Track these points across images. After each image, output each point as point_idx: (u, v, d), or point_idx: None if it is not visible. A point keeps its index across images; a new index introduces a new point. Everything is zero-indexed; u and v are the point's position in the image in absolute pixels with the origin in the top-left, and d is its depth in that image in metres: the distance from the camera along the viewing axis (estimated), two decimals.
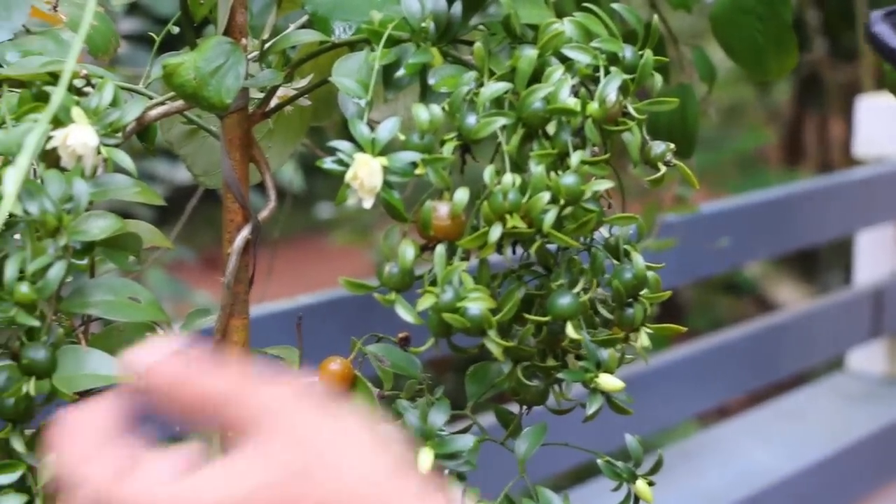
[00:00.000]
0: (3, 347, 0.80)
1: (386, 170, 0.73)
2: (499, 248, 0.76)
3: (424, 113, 0.74)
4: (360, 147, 0.73)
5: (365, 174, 0.72)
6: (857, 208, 2.94)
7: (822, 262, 4.45)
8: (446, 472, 0.80)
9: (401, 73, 0.77)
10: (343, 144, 0.73)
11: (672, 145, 0.77)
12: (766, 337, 2.42)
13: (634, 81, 0.75)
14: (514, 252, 0.80)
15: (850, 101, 3.55)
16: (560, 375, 0.81)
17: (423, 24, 0.77)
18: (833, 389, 3.03)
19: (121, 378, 0.76)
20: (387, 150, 0.73)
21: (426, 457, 0.77)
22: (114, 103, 0.78)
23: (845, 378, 3.11)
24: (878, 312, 2.96)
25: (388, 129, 0.74)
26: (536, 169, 0.74)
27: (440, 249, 0.75)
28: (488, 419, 0.86)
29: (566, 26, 0.76)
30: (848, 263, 3.29)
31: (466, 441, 0.81)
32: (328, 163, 0.73)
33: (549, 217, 0.73)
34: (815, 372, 3.22)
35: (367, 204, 0.73)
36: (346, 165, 0.72)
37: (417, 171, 0.74)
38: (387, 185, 0.73)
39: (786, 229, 2.58)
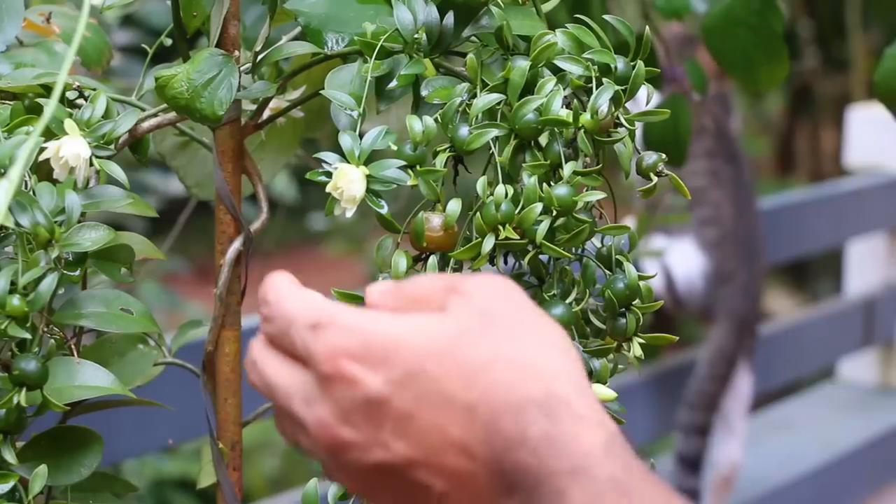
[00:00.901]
0: None
1: (371, 179, 0.73)
2: (491, 258, 0.76)
3: (418, 124, 0.74)
4: (346, 159, 0.74)
5: (345, 184, 0.73)
6: (848, 218, 2.95)
7: (813, 272, 4.45)
8: None
9: (393, 84, 0.77)
10: (328, 156, 0.74)
11: (664, 156, 0.77)
12: (757, 346, 2.43)
13: (626, 92, 0.75)
14: (506, 263, 0.80)
15: (841, 111, 3.56)
16: None
17: (416, 36, 0.77)
18: (824, 399, 3.03)
19: (115, 389, 0.76)
20: (374, 159, 0.74)
21: None
22: (106, 115, 0.78)
23: (836, 388, 3.11)
24: (869, 322, 2.96)
25: (371, 138, 0.74)
26: (529, 180, 0.74)
27: (433, 260, 0.76)
28: None
29: (558, 37, 0.77)
30: (839, 273, 3.29)
31: None
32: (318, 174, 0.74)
33: (542, 228, 0.73)
34: (806, 381, 3.22)
35: (349, 213, 0.73)
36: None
37: (409, 183, 0.74)
38: (373, 194, 0.73)
39: (777, 239, 2.59)
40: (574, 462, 0.61)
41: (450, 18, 0.78)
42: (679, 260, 2.31)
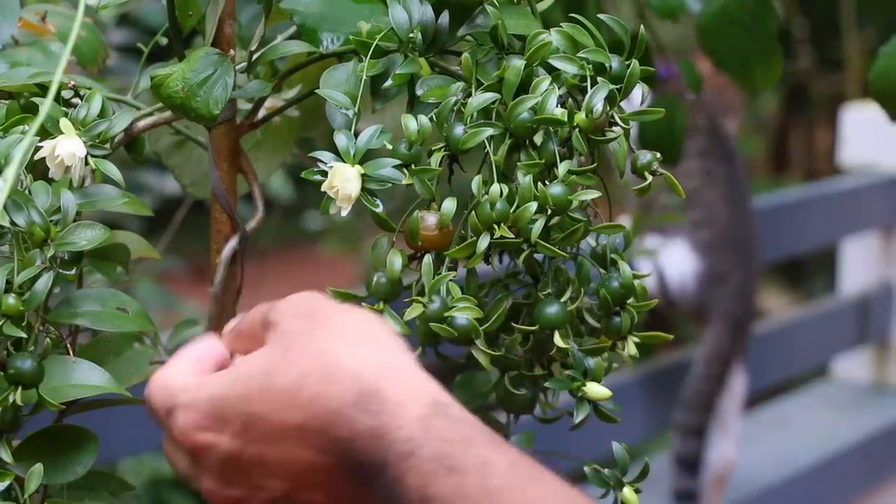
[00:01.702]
0: None
1: (366, 178, 0.73)
2: (486, 257, 0.76)
3: (413, 123, 0.74)
4: (341, 158, 0.74)
5: (340, 182, 0.73)
6: (842, 217, 2.95)
7: (807, 271, 4.45)
8: None
9: (388, 83, 0.77)
10: (324, 155, 0.74)
11: (658, 155, 0.78)
12: (751, 345, 2.43)
13: (621, 91, 0.75)
14: (501, 261, 0.80)
15: (835, 110, 3.56)
16: (547, 384, 0.81)
17: (411, 35, 0.77)
18: (818, 397, 3.04)
19: (111, 388, 0.76)
20: (370, 158, 0.74)
21: None
22: (102, 114, 0.78)
23: (830, 386, 3.12)
24: (863, 320, 2.97)
25: (366, 137, 0.74)
26: (524, 179, 0.74)
27: (428, 259, 0.76)
28: None
29: (553, 37, 0.77)
30: (833, 272, 3.30)
31: None
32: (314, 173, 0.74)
33: (537, 227, 0.73)
34: (800, 380, 3.23)
35: (344, 212, 0.74)
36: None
37: (405, 182, 0.74)
38: (368, 192, 0.74)
39: (771, 238, 2.59)
40: (399, 448, 0.65)
41: (445, 18, 0.78)
42: (672, 261, 2.31)
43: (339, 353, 0.67)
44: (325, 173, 0.74)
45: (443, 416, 0.65)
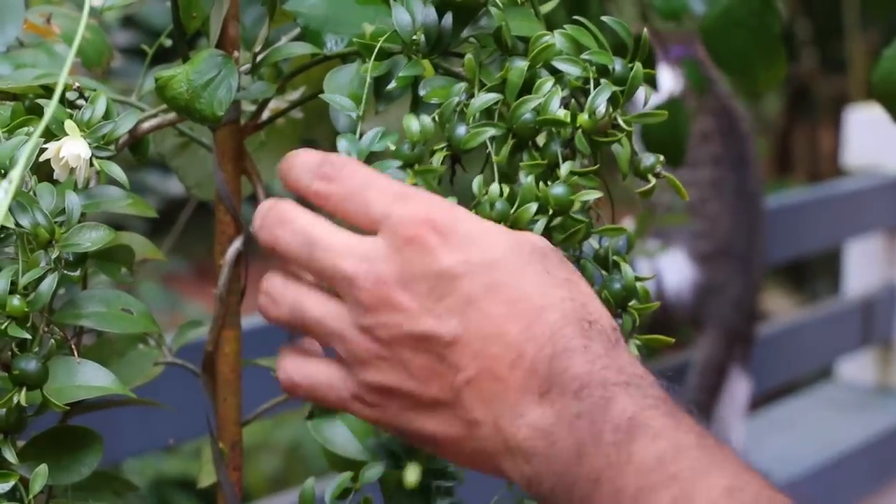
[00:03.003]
0: None
1: None
2: None
3: (415, 124, 0.74)
4: None
5: None
6: (846, 218, 2.95)
7: (811, 272, 4.45)
8: None
9: (392, 85, 0.77)
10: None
11: (661, 157, 0.78)
12: (754, 350, 2.43)
13: (624, 93, 0.75)
14: None
15: (839, 112, 3.56)
16: None
17: (414, 37, 0.77)
18: (823, 399, 3.03)
19: (115, 389, 0.76)
20: (373, 160, 0.74)
21: (413, 472, 0.77)
22: (107, 116, 0.78)
23: (835, 388, 3.11)
24: (867, 322, 2.96)
25: (368, 139, 0.74)
26: (526, 179, 0.74)
27: None
28: None
29: (557, 38, 0.77)
30: (837, 273, 3.29)
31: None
32: None
33: (538, 227, 0.73)
34: (804, 382, 3.23)
35: None
36: None
37: (407, 182, 0.74)
38: None
39: (775, 239, 2.59)
40: (627, 378, 0.64)
41: (448, 19, 0.78)
42: (670, 269, 2.31)
43: (596, 296, 0.69)
44: None
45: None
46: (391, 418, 0.68)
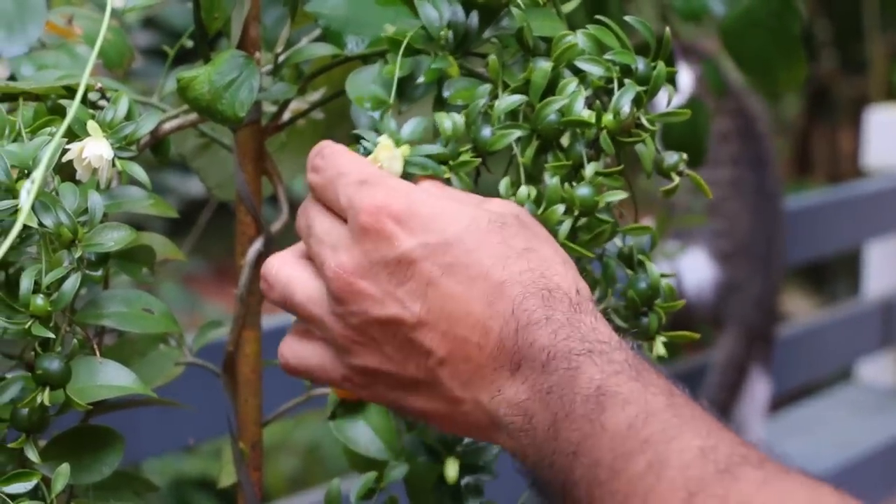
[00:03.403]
0: (18, 358, 0.80)
1: (407, 163, 0.73)
2: None
3: (448, 121, 0.75)
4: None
5: (386, 158, 0.73)
6: (866, 219, 2.94)
7: (831, 274, 4.44)
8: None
9: (420, 80, 0.77)
10: (369, 133, 0.74)
11: (685, 155, 0.78)
12: (775, 350, 2.42)
13: (647, 93, 0.75)
14: None
15: (859, 112, 3.55)
16: None
17: (442, 34, 0.77)
18: (842, 401, 3.02)
19: (137, 388, 0.77)
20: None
21: (453, 466, 0.78)
22: (128, 117, 0.78)
23: (855, 389, 3.10)
24: (887, 324, 2.95)
25: (411, 127, 0.74)
26: (551, 180, 0.74)
27: None
28: None
29: (579, 39, 0.77)
30: (857, 274, 3.28)
31: (488, 452, 0.81)
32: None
33: (564, 228, 0.74)
34: (824, 383, 3.22)
35: None
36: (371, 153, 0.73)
37: (444, 177, 0.74)
38: (407, 176, 0.74)
39: (795, 240, 2.58)
40: (591, 346, 0.64)
41: (474, 18, 0.78)
42: (690, 268, 2.31)
43: (564, 260, 0.69)
44: (366, 151, 0.74)
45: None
46: (382, 397, 0.70)
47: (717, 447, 0.61)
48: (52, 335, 0.72)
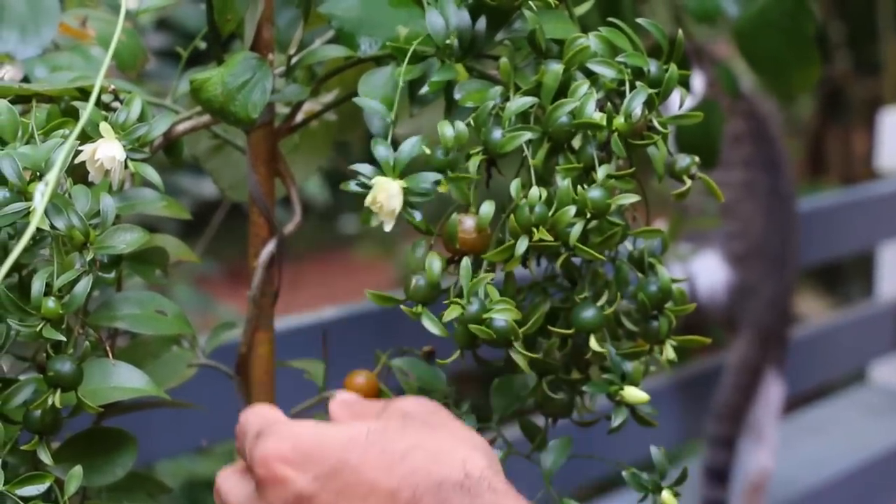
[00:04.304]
0: (31, 360, 0.81)
1: (407, 191, 0.73)
2: (524, 261, 0.76)
3: (449, 130, 0.74)
4: (381, 170, 0.73)
5: (384, 198, 0.73)
6: (879, 221, 2.93)
7: (844, 275, 4.43)
8: None
9: (425, 90, 0.77)
10: (364, 168, 0.74)
11: (697, 158, 0.77)
12: (788, 352, 2.42)
13: (659, 95, 0.75)
14: (538, 265, 0.80)
15: (873, 114, 3.54)
16: (585, 388, 0.81)
17: (448, 41, 0.77)
18: (855, 402, 3.02)
19: (150, 390, 0.77)
20: (409, 169, 0.74)
21: None
22: (141, 118, 0.78)
23: (868, 391, 3.09)
24: None
25: (408, 149, 0.74)
26: (562, 183, 0.74)
27: (466, 262, 0.76)
28: (513, 432, 0.86)
29: (591, 41, 0.77)
30: (870, 276, 3.27)
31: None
32: (352, 185, 0.74)
33: (576, 230, 0.73)
34: (837, 385, 3.21)
35: (388, 227, 0.73)
36: (369, 187, 0.73)
37: (440, 189, 0.74)
38: (409, 205, 0.74)
39: (808, 242, 2.58)
40: None
41: (482, 23, 0.78)
42: (703, 271, 2.31)
43: (452, 442, 0.69)
44: (363, 186, 0.74)
45: None
46: None
47: None
48: (63, 337, 0.72)
